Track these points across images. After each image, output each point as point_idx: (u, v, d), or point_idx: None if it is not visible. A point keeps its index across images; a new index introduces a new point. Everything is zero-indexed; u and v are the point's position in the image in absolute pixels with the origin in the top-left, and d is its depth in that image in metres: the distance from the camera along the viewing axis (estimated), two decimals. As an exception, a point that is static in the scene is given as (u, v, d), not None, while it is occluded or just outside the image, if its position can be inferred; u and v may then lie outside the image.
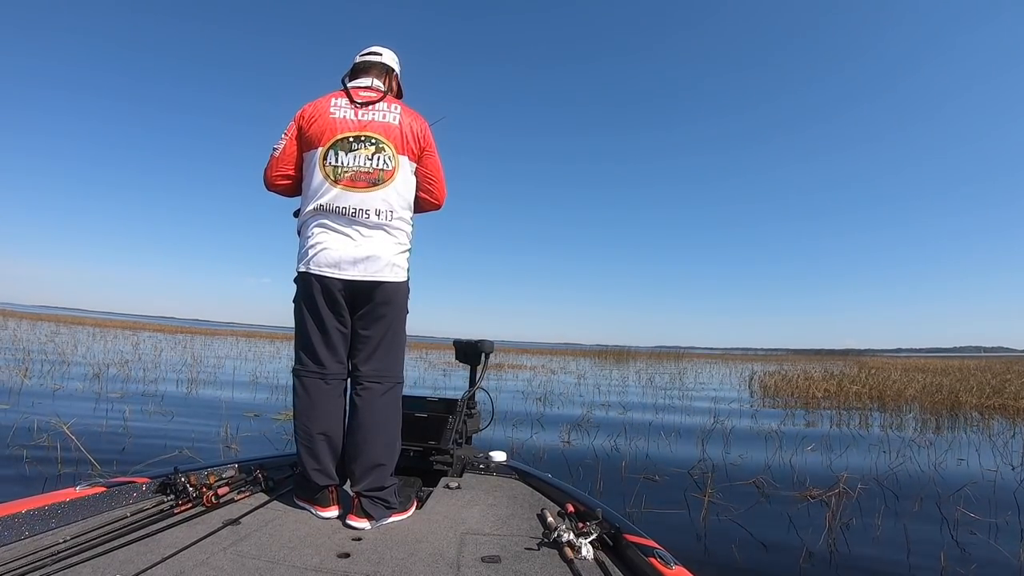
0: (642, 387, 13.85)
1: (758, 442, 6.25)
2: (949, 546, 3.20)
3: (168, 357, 14.84)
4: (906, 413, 9.62)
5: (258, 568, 1.63)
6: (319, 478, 2.13)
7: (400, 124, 2.24)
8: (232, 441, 4.94)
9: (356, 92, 2.29)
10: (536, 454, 5.04)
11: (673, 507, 3.64)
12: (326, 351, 2.18)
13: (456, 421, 2.84)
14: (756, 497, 4.02)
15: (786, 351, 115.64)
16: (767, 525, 3.47)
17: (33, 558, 1.54)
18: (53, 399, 6.68)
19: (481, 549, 1.86)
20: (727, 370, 25.39)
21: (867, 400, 11.42)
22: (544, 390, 11.53)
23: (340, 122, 2.20)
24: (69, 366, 10.38)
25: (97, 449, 4.21)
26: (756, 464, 5.02)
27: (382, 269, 2.16)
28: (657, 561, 1.62)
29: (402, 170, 2.23)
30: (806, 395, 12.08)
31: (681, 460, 5.05)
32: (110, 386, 8.18)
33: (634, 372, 20.60)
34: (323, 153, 2.18)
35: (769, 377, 16.34)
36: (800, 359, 41.75)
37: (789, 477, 4.58)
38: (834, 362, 32.41)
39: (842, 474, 4.40)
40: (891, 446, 6.12)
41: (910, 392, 12.14)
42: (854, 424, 8.04)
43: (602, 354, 35.24)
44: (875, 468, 4.99)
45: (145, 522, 1.88)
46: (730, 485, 4.18)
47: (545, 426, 6.83)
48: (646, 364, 27.63)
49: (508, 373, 17.02)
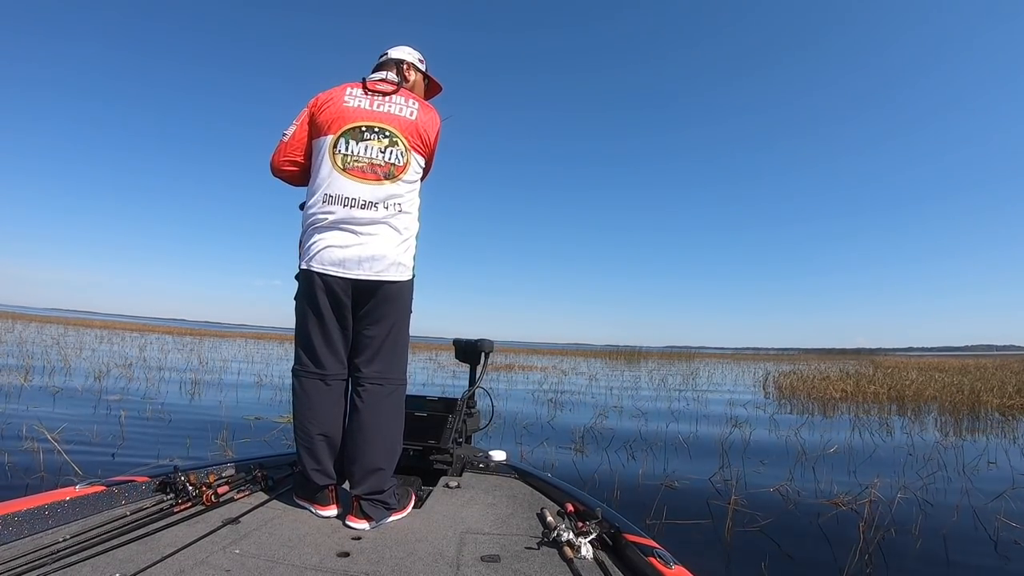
0: (655, 389, 13.57)
1: (778, 446, 6.01)
2: (994, 560, 2.97)
3: (174, 359, 14.71)
4: (926, 414, 9.36)
5: (258, 567, 1.63)
6: (319, 478, 2.11)
7: (416, 120, 2.20)
8: (228, 447, 4.77)
9: (372, 84, 2.25)
10: (548, 462, 4.81)
11: (695, 517, 3.42)
12: (327, 351, 2.14)
13: (456, 420, 2.83)
14: (781, 506, 3.79)
15: (797, 350, 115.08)
16: (796, 537, 3.25)
17: (33, 557, 1.54)
18: (51, 403, 6.53)
19: (481, 548, 1.86)
20: (740, 370, 25.07)
21: (885, 400, 11.13)
22: (555, 392, 11.30)
23: (353, 111, 2.15)
24: (72, 368, 10.25)
25: (86, 455, 4.08)
26: (778, 470, 4.79)
27: (387, 268, 2.10)
28: (657, 561, 1.60)
29: (412, 166, 2.19)
30: (823, 396, 11.80)
31: (700, 466, 4.82)
32: (110, 389, 8.04)
33: (646, 373, 20.33)
34: (333, 141, 2.13)
35: (784, 377, 16.06)
36: (812, 358, 41.40)
37: (813, 483, 4.36)
38: (847, 361, 32.06)
39: (872, 480, 4.18)
40: (916, 449, 5.89)
41: (929, 392, 11.85)
42: (875, 426, 7.77)
43: (613, 354, 34.99)
44: (902, 473, 4.76)
45: (145, 521, 1.87)
46: (753, 493, 3.94)
47: (557, 431, 6.60)
48: (658, 365, 27.36)
49: (518, 374, 16.81)
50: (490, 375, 15.19)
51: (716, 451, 5.47)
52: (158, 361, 13.62)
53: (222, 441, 4.94)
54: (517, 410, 8.12)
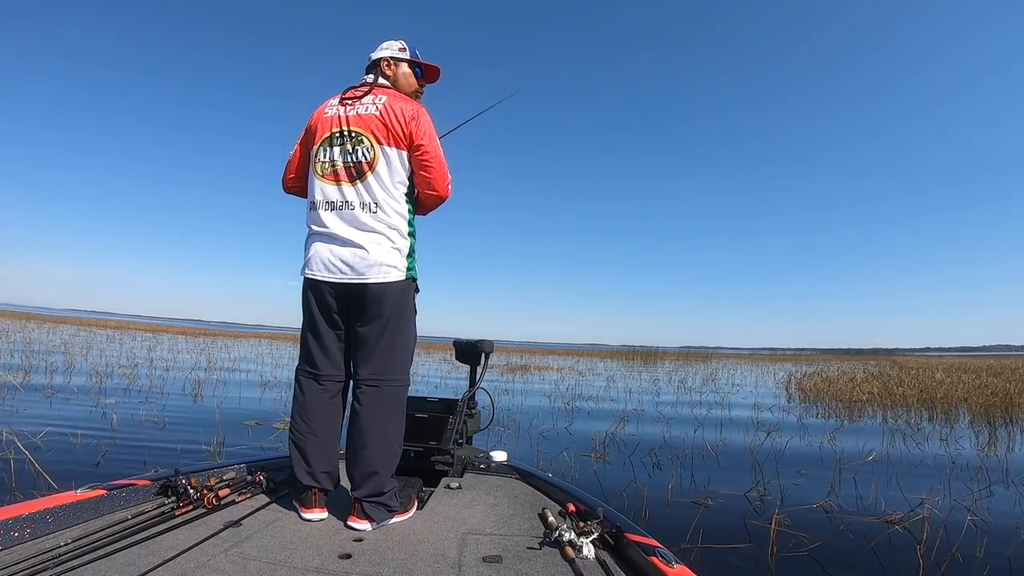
0: (675, 391, 13.16)
1: (811, 454, 5.68)
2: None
3: (183, 360, 14.52)
4: (959, 418, 8.95)
5: (259, 569, 1.63)
6: (304, 477, 2.13)
7: (382, 113, 2.18)
8: (220, 455, 4.55)
9: (350, 92, 2.30)
10: (568, 472, 4.50)
11: (734, 540, 3.11)
12: (321, 354, 2.21)
13: (456, 421, 2.83)
14: (827, 525, 3.47)
15: (814, 351, 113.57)
16: (848, 563, 2.94)
17: (34, 561, 1.54)
18: (44, 406, 6.32)
19: (482, 549, 1.86)
20: (759, 371, 24.58)
21: (913, 403, 10.69)
22: (572, 395, 10.98)
23: (329, 120, 2.24)
24: (74, 370, 10.05)
25: (66, 463, 3.89)
26: (817, 482, 4.46)
27: (369, 270, 2.12)
28: (658, 560, 1.59)
29: (385, 160, 2.17)
30: (850, 398, 11.37)
31: (731, 477, 4.50)
32: (110, 391, 7.84)
33: (664, 374, 19.90)
34: (315, 152, 2.24)
35: (807, 379, 15.63)
36: (830, 359, 40.71)
37: (857, 497, 4.03)
38: (866, 362, 31.47)
39: (921, 494, 3.85)
40: (957, 457, 5.56)
41: (958, 394, 11.39)
42: (908, 431, 7.39)
43: (629, 355, 34.52)
44: (948, 485, 4.41)
45: (146, 524, 1.88)
46: (795, 510, 3.61)
47: (576, 437, 6.29)
48: (675, 365, 26.92)
49: (534, 375, 16.51)
50: (507, 377, 14.91)
51: (746, 460, 5.15)
52: (165, 362, 13.43)
53: (214, 449, 4.73)
54: (534, 415, 7.84)
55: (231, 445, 4.92)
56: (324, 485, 2.16)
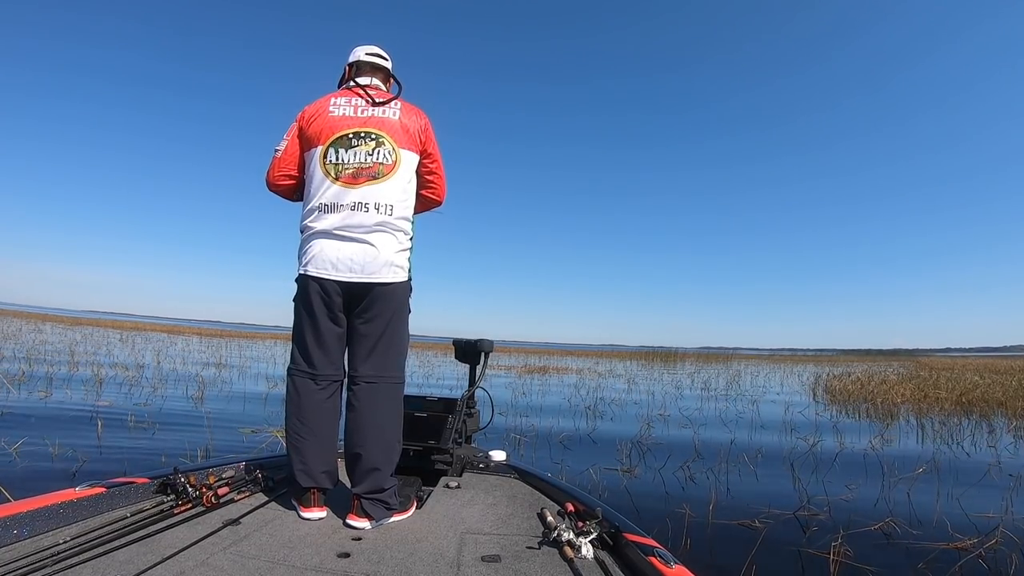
0: (699, 394, 12.69)
1: (854, 463, 5.28)
2: None
3: (193, 362, 14.29)
4: (1000, 423, 8.45)
5: (258, 568, 1.63)
6: (302, 478, 2.13)
7: (400, 119, 2.26)
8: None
9: (356, 90, 2.31)
10: (596, 490, 4.09)
11: (789, 571, 2.76)
12: (319, 353, 2.20)
13: (456, 421, 2.84)
14: (891, 551, 3.09)
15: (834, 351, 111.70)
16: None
17: (33, 558, 1.55)
18: (35, 409, 6.06)
19: (481, 548, 1.86)
20: (782, 372, 24.01)
21: (948, 406, 10.17)
22: (593, 398, 10.58)
23: (340, 120, 2.22)
24: (75, 372, 9.81)
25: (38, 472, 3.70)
26: (868, 499, 4.05)
27: (380, 270, 2.15)
28: (657, 560, 1.58)
29: (403, 164, 2.24)
30: (884, 401, 10.87)
31: (775, 494, 4.09)
32: (107, 394, 7.58)
33: (686, 376, 19.44)
34: (323, 152, 2.20)
35: (835, 381, 15.12)
36: (853, 359, 39.98)
37: (914, 517, 3.63)
38: (889, 362, 30.80)
39: (988, 513, 3.46)
40: (1009, 467, 5.13)
41: (995, 396, 10.86)
42: (949, 437, 6.93)
43: (648, 356, 34.04)
44: (1011, 501, 3.98)
45: (145, 522, 1.88)
46: (853, 534, 3.22)
47: (600, 445, 5.94)
48: (695, 367, 26.43)
49: (553, 377, 16.18)
50: (525, 379, 14.58)
51: (786, 471, 4.78)
52: (172, 364, 13.20)
53: (201, 455, 4.47)
54: (554, 420, 7.50)
55: (221, 452, 4.63)
56: (323, 485, 2.16)
